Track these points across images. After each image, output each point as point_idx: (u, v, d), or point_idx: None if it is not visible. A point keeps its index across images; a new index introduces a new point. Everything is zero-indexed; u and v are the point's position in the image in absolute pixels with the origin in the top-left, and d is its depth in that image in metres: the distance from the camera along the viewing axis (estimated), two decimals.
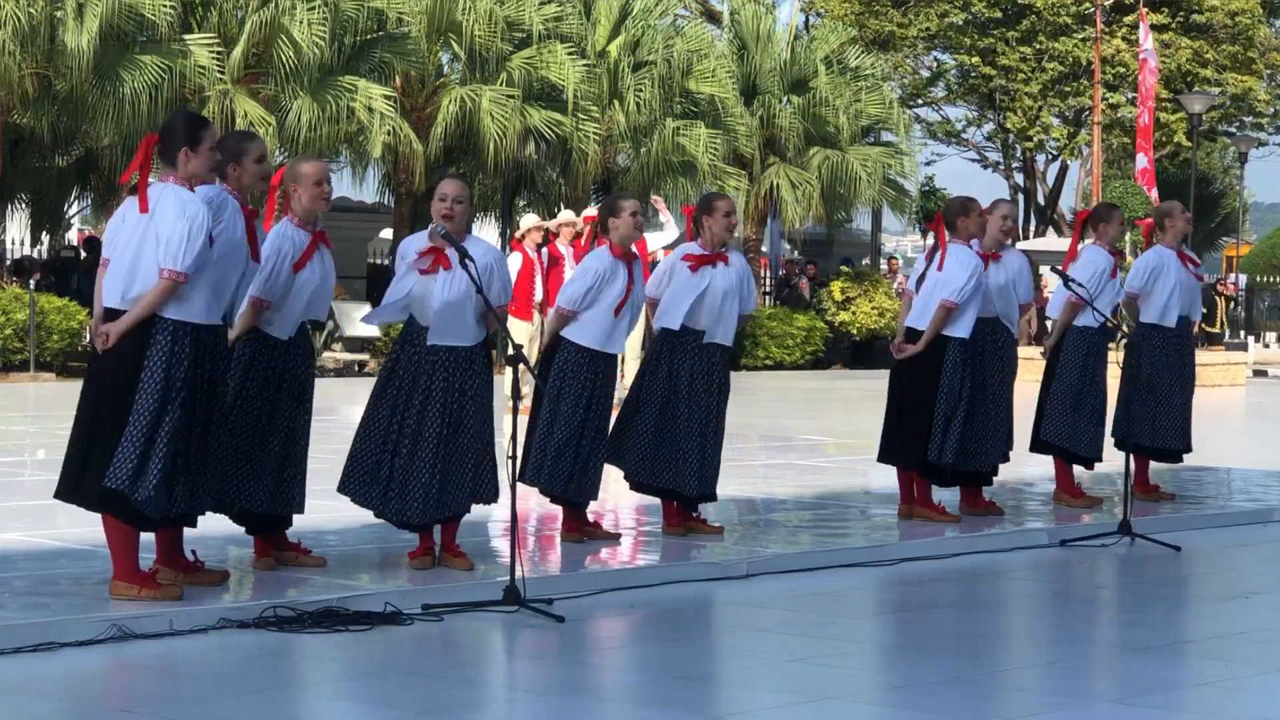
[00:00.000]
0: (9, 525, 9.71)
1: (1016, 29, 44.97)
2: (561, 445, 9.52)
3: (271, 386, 8.40)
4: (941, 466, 10.77)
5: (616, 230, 9.80)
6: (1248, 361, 31.61)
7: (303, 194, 8.45)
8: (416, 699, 6.53)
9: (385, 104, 25.76)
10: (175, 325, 7.57)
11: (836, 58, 33.24)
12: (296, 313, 8.47)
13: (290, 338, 8.46)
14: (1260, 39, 45.28)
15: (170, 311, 7.57)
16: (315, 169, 8.59)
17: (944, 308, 10.63)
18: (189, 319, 7.61)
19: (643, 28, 29.99)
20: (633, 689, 7.00)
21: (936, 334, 10.70)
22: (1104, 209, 12.22)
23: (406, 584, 8.36)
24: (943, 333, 10.68)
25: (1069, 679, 7.09)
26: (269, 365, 8.41)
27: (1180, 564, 10.27)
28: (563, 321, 9.68)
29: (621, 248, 9.79)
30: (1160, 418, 12.19)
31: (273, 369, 8.41)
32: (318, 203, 8.46)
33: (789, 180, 31.51)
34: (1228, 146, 53.20)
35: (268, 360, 8.40)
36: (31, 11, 23.40)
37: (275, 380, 8.41)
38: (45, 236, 31.97)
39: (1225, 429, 20.39)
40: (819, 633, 8.06)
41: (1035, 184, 50.41)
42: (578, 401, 9.56)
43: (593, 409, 9.61)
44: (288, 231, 8.46)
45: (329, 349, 25.94)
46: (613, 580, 8.87)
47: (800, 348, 31.02)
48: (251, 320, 8.35)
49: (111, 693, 6.63)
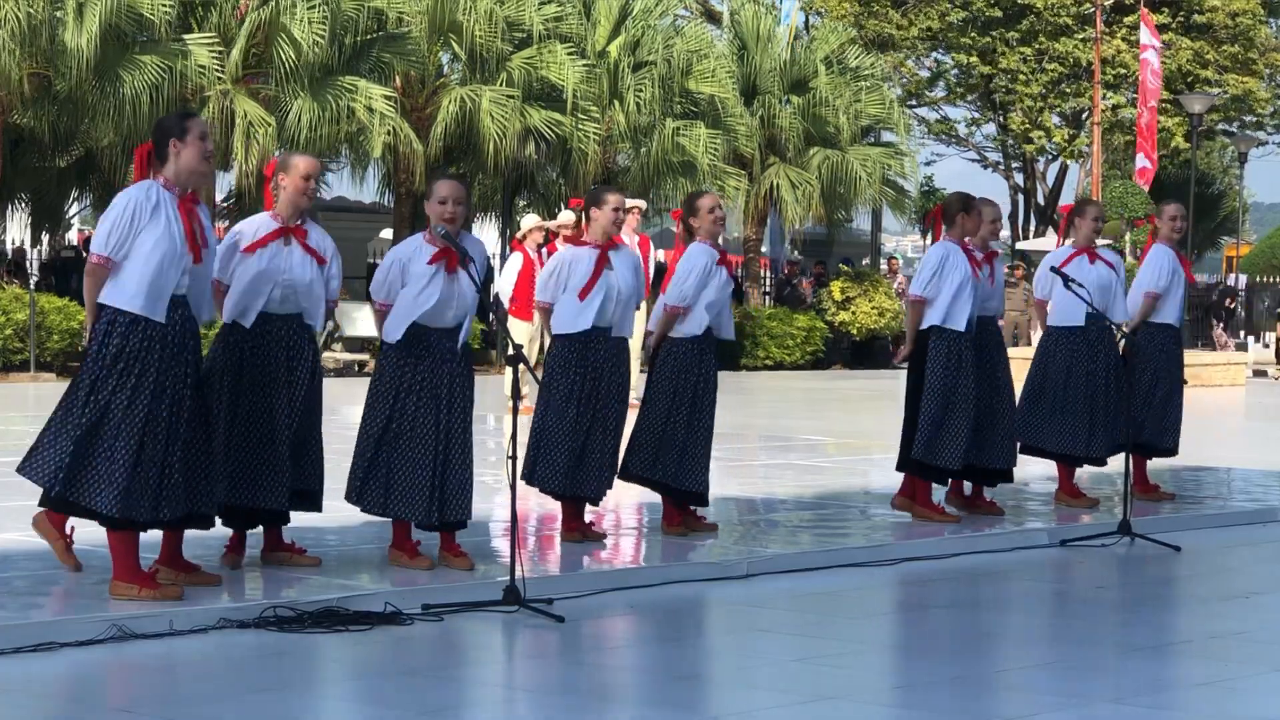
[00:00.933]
0: (9, 525, 9.71)
1: (1017, 29, 44.98)
2: (555, 440, 9.55)
3: (231, 374, 8.42)
4: (938, 466, 10.77)
5: (597, 221, 9.78)
6: (1248, 361, 31.62)
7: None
8: (416, 699, 6.53)
9: (385, 104, 25.76)
10: (113, 311, 7.68)
11: (836, 58, 33.24)
12: (254, 301, 8.45)
13: (262, 329, 8.41)
14: (1260, 39, 45.28)
15: (107, 297, 7.70)
16: (305, 164, 8.61)
17: (911, 303, 10.83)
18: (124, 307, 7.65)
19: (643, 28, 29.99)
20: (633, 689, 7.00)
21: (914, 330, 10.79)
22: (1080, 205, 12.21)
23: (407, 584, 8.36)
24: (921, 326, 10.76)
25: (1069, 679, 7.09)
26: (234, 356, 8.44)
27: (1180, 564, 10.27)
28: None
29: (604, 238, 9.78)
30: (1167, 415, 12.22)
31: (231, 359, 8.44)
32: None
33: (789, 180, 31.52)
34: (1228, 146, 53.22)
35: (236, 351, 8.45)
36: (31, 11, 23.40)
37: (235, 369, 8.43)
38: (45, 236, 31.98)
39: (1225, 429, 20.40)
40: (819, 633, 8.05)
41: (1035, 184, 50.42)
42: (568, 395, 9.57)
43: (585, 402, 9.59)
44: (256, 219, 8.54)
45: (329, 349, 25.94)
46: (613, 580, 8.87)
47: (800, 348, 31.03)
48: (217, 306, 8.42)
49: (111, 693, 6.63)
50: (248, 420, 8.42)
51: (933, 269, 10.76)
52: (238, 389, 8.41)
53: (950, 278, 10.73)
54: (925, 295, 10.73)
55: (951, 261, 10.75)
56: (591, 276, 9.61)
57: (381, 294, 8.91)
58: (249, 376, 8.42)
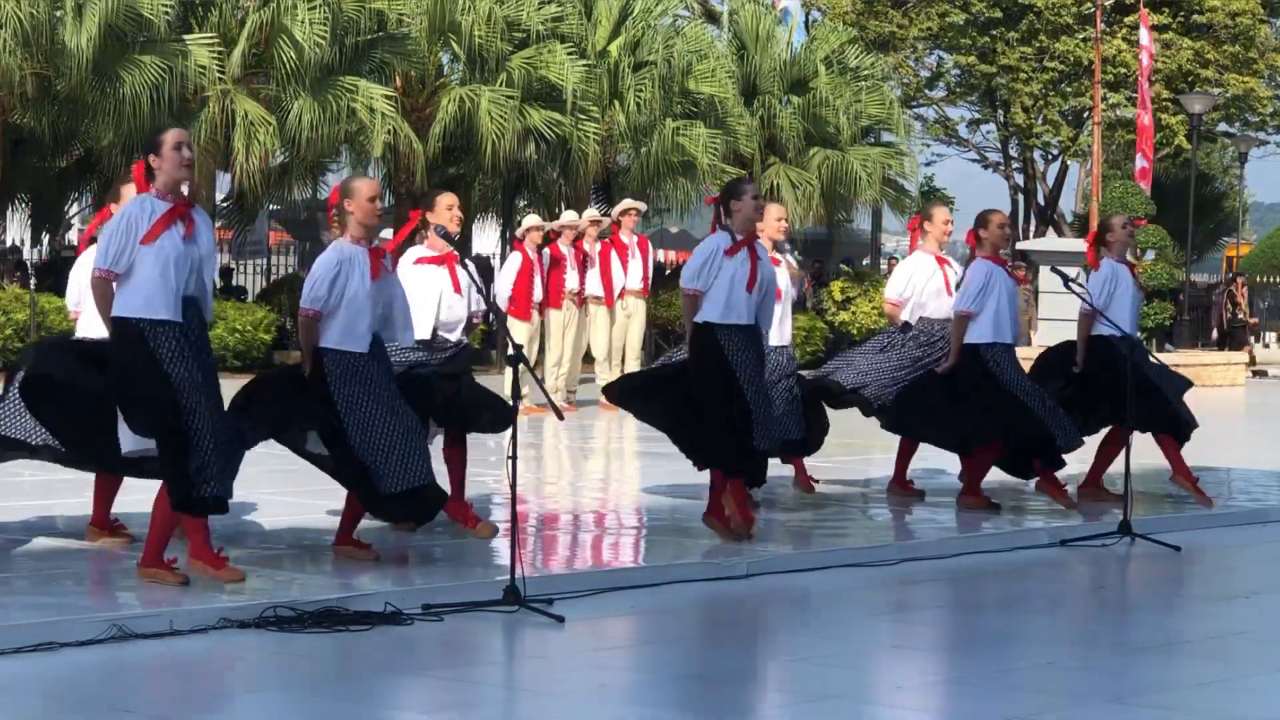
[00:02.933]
0: (9, 525, 9.71)
1: (1017, 29, 44.97)
2: None
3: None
4: None
5: (740, 212, 9.75)
6: (1248, 361, 31.61)
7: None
8: (416, 699, 6.53)
9: (386, 104, 25.76)
10: (130, 320, 8.02)
11: (836, 58, 33.24)
12: (360, 325, 8.67)
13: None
14: (1261, 39, 45.26)
15: (122, 309, 8.04)
16: (369, 187, 8.78)
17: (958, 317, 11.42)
18: (140, 315, 7.99)
19: (643, 28, 29.99)
20: (633, 689, 7.00)
21: (959, 342, 11.38)
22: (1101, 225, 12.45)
23: (407, 584, 8.37)
24: None
25: (1069, 679, 7.09)
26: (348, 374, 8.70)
27: (1180, 564, 10.27)
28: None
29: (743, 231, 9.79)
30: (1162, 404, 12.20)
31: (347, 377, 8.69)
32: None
33: (789, 180, 31.51)
34: (1228, 146, 53.19)
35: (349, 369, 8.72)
36: (32, 12, 23.39)
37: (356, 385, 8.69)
38: (45, 236, 31.97)
39: (1225, 429, 20.39)
40: (819, 633, 8.06)
41: (1035, 184, 50.42)
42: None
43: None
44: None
45: None
46: (613, 580, 8.87)
47: (800, 348, 30.99)
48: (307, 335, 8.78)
49: (111, 693, 6.63)
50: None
51: (979, 286, 11.26)
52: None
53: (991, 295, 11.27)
54: (972, 310, 11.27)
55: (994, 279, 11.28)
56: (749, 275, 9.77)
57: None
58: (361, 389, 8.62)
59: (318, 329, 8.63)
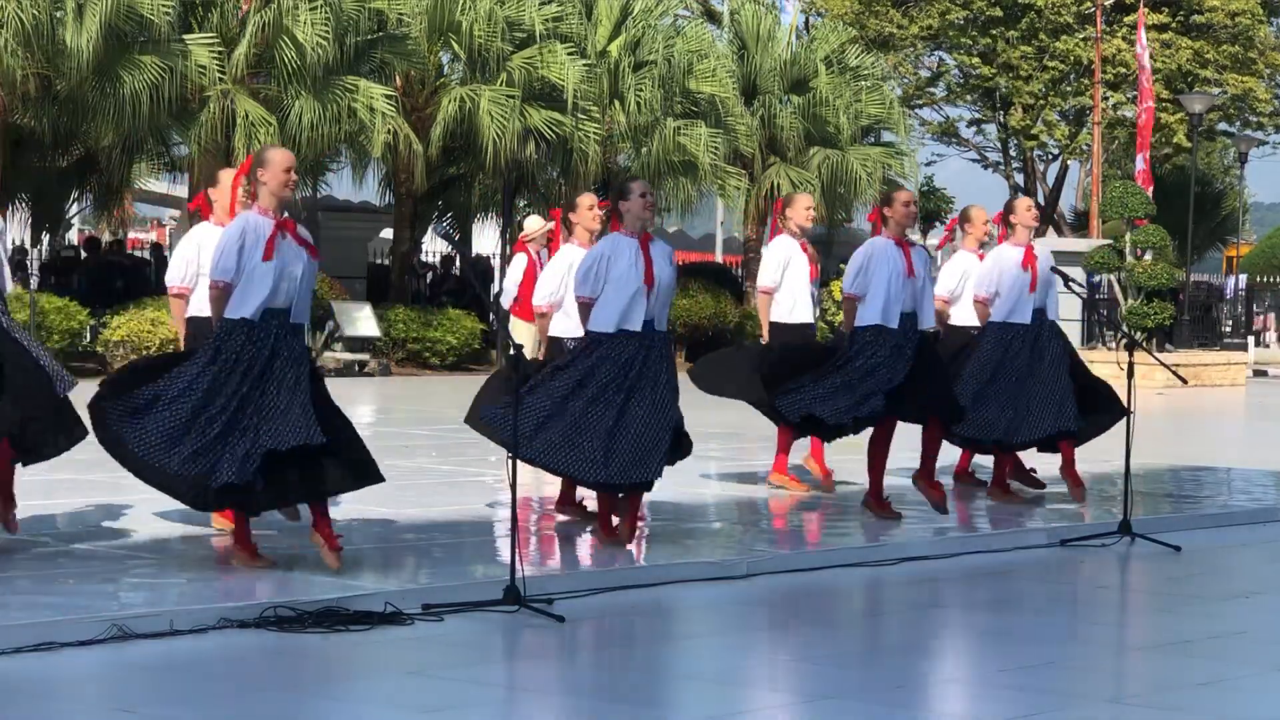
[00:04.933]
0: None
1: (1017, 28, 44.97)
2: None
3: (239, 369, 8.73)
4: None
5: (629, 212, 9.73)
6: (1248, 361, 31.63)
7: (272, 183, 8.71)
8: (416, 699, 6.53)
9: (386, 104, 25.77)
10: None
11: (836, 58, 33.25)
12: (272, 299, 8.71)
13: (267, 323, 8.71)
14: (1260, 39, 45.26)
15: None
16: (283, 156, 8.83)
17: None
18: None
19: (643, 28, 30.00)
20: (633, 689, 7.00)
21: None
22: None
23: (407, 584, 8.37)
24: None
25: (1069, 679, 7.09)
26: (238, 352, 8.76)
27: (1180, 564, 10.27)
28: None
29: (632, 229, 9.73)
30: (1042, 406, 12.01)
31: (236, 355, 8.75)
32: (284, 190, 8.68)
33: (789, 180, 31.52)
34: (1228, 146, 53.20)
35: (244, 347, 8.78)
36: (33, 12, 23.40)
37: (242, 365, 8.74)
38: (45, 236, 31.95)
39: (1225, 429, 20.40)
40: (819, 633, 8.06)
41: (1035, 184, 50.42)
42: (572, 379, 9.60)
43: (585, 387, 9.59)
44: (251, 219, 8.76)
45: (329, 349, 25.93)
46: (613, 580, 8.87)
47: None
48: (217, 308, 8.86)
49: (111, 693, 6.63)
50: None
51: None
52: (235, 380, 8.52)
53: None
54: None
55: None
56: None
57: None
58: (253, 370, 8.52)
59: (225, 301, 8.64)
